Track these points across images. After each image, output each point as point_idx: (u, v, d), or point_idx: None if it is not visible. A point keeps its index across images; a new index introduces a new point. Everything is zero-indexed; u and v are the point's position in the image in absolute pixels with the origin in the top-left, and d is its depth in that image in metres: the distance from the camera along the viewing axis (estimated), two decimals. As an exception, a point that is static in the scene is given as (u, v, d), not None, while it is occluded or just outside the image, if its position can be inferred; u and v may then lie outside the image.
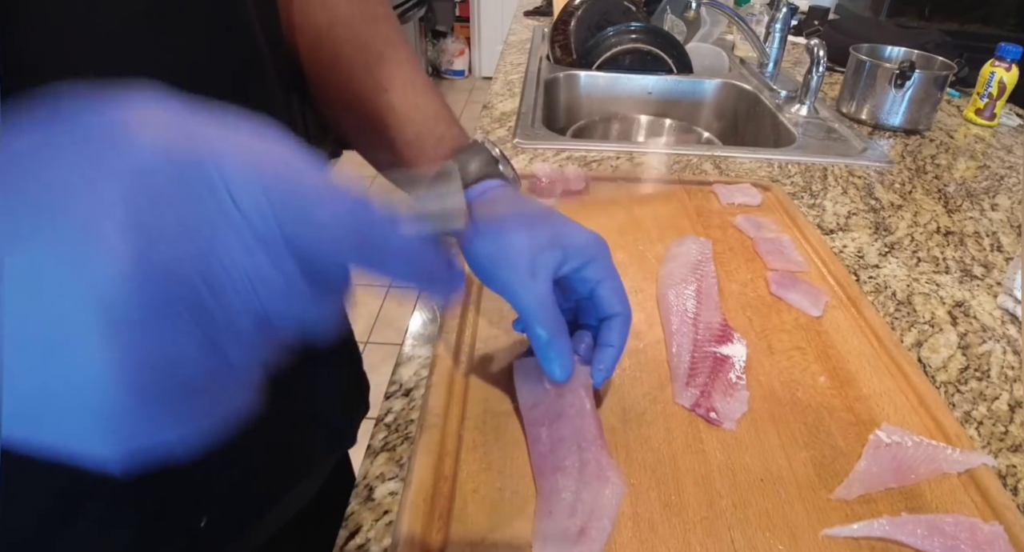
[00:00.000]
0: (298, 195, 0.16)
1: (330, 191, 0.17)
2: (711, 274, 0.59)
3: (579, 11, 1.31)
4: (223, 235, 0.16)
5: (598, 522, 0.37)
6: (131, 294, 0.15)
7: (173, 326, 0.16)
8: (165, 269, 0.15)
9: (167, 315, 0.15)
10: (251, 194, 0.16)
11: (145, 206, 0.15)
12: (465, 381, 0.47)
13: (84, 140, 0.15)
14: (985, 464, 0.42)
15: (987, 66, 1.11)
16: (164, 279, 0.15)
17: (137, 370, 0.15)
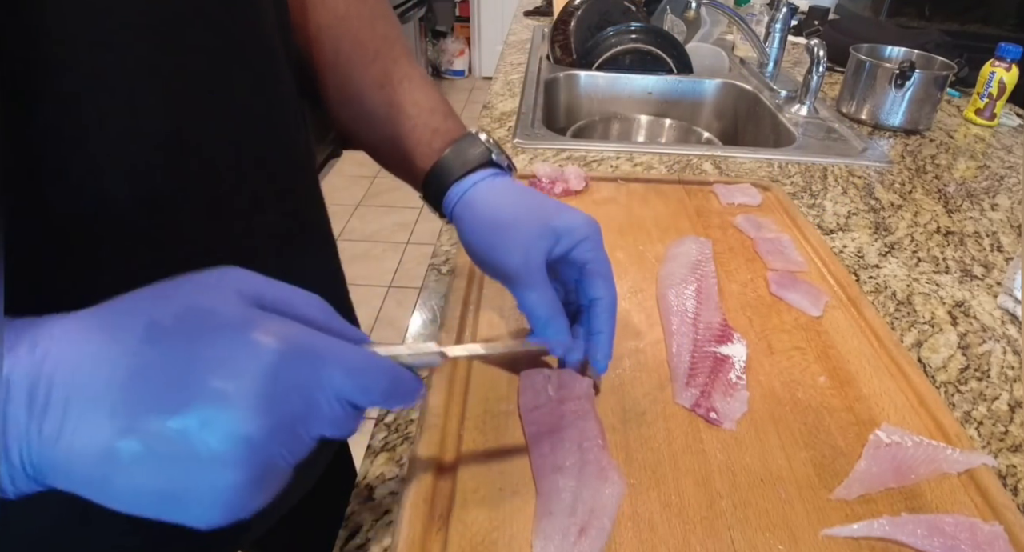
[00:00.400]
0: (367, 387, 0.27)
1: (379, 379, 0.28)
2: (711, 274, 0.59)
3: (579, 11, 1.31)
4: (319, 408, 0.26)
5: (598, 522, 0.37)
6: (262, 443, 0.24)
7: (279, 450, 0.25)
8: (286, 426, 0.25)
9: (277, 446, 0.24)
10: (343, 389, 0.26)
11: (282, 401, 0.24)
12: (465, 381, 0.47)
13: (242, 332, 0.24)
14: (985, 464, 0.42)
15: (987, 66, 1.11)
16: (284, 431, 0.24)
17: (250, 483, 0.24)
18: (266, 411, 0.24)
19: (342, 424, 0.27)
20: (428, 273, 0.63)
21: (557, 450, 0.41)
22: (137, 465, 0.22)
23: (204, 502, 0.24)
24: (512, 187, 0.45)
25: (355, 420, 0.28)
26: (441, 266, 0.64)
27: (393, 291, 2.20)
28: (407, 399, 0.29)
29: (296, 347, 0.25)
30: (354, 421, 0.28)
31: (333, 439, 0.27)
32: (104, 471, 0.22)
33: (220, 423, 0.23)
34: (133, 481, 0.23)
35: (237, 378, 0.24)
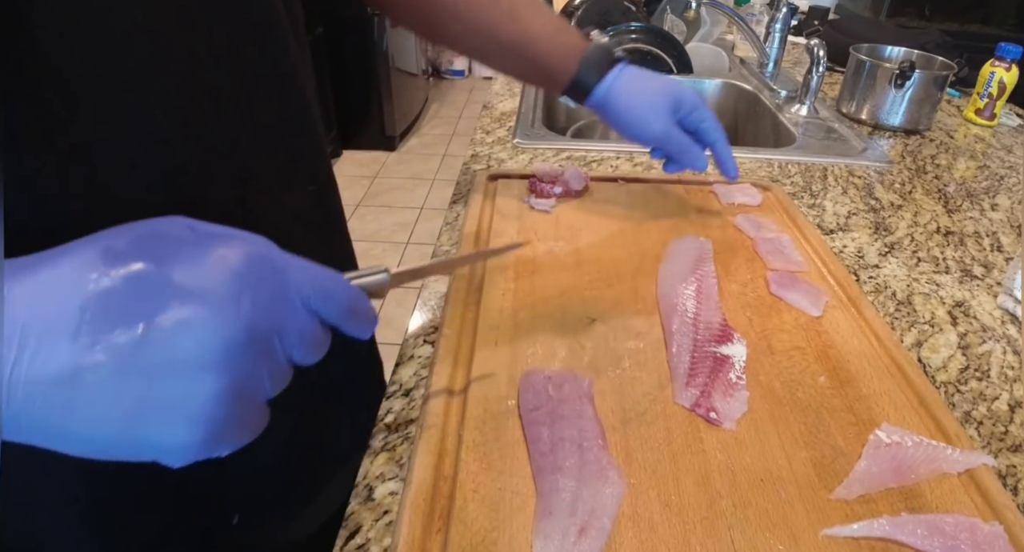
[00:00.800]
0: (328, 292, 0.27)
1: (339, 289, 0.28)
2: (711, 274, 0.59)
3: (579, 11, 1.31)
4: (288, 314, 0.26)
5: (598, 522, 0.37)
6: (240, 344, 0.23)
7: (256, 364, 0.24)
8: (259, 329, 0.24)
9: (255, 355, 0.24)
10: (307, 292, 0.26)
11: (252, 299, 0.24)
12: (465, 381, 0.47)
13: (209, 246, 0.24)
14: (985, 464, 0.42)
15: (987, 66, 1.11)
16: (258, 336, 0.24)
17: (230, 391, 0.23)
18: (238, 312, 0.23)
19: (312, 339, 0.27)
20: (428, 273, 0.63)
21: (557, 450, 0.41)
22: (105, 384, 0.21)
23: (179, 420, 0.22)
24: (635, 77, 0.60)
25: (324, 338, 0.28)
26: (441, 266, 0.64)
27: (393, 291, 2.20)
28: (364, 321, 0.30)
29: (259, 255, 0.25)
30: (323, 339, 0.28)
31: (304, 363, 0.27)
32: (67, 397, 0.21)
33: (195, 326, 0.22)
34: (100, 404, 0.21)
35: (206, 281, 0.23)
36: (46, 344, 0.21)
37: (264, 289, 0.24)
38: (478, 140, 0.95)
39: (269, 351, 0.25)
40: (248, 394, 0.24)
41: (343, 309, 0.28)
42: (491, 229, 0.66)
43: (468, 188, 0.76)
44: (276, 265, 0.26)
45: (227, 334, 0.23)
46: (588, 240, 0.65)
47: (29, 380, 0.21)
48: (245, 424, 0.24)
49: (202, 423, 0.23)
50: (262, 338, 0.24)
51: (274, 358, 0.25)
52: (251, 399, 0.24)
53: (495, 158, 0.88)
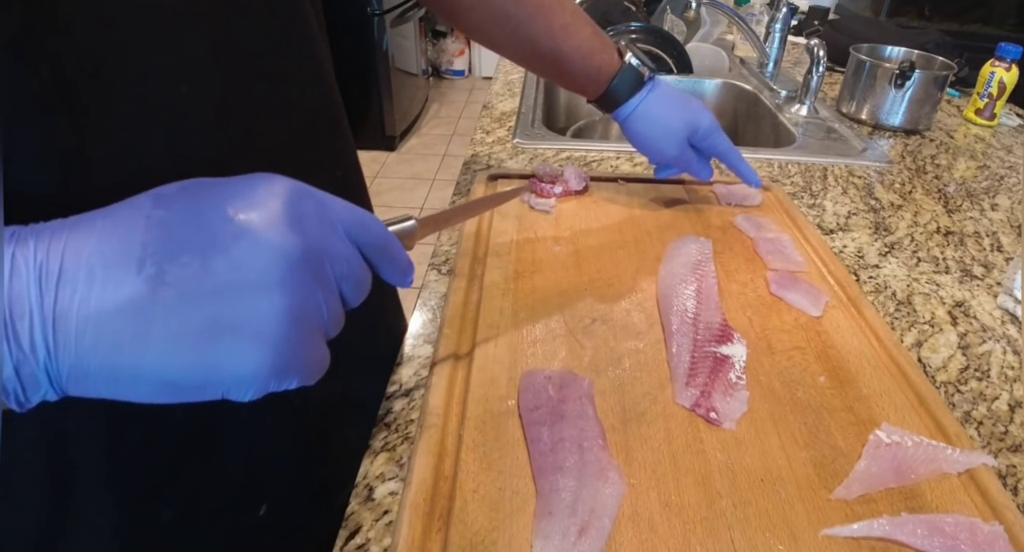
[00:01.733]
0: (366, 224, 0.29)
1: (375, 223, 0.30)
2: (711, 274, 0.59)
3: (579, 11, 1.31)
4: (335, 240, 0.27)
5: (598, 522, 0.37)
6: (298, 263, 0.24)
7: (313, 285, 0.25)
8: (312, 250, 0.25)
9: (312, 277, 0.25)
10: (347, 222, 0.28)
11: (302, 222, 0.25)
12: (465, 381, 0.47)
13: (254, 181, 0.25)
14: (985, 464, 0.42)
15: (987, 66, 1.11)
16: (313, 257, 0.25)
17: (293, 311, 0.24)
18: (294, 233, 0.24)
19: (357, 271, 0.28)
20: (428, 273, 0.63)
21: (557, 450, 0.41)
22: (173, 309, 0.22)
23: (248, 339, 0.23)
24: (660, 100, 0.63)
25: (366, 274, 0.29)
26: (441, 266, 0.64)
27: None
28: (400, 264, 0.31)
29: (301, 188, 0.26)
30: (366, 275, 0.29)
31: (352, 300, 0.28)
32: (136, 326, 0.21)
33: (252, 246, 0.23)
34: (170, 330, 0.22)
35: (257, 208, 0.24)
36: (113, 276, 0.21)
37: (311, 216, 0.25)
38: (478, 140, 0.95)
39: (322, 275, 0.25)
40: (309, 318, 0.25)
41: (380, 243, 0.29)
42: (491, 229, 0.66)
43: (468, 188, 0.76)
44: (318, 197, 0.27)
45: (284, 252, 0.23)
46: (588, 240, 0.65)
47: (99, 312, 0.21)
48: (309, 355, 0.25)
49: (270, 342, 0.23)
50: (315, 260, 0.25)
51: (328, 284, 0.26)
52: (313, 326, 0.25)
53: (495, 158, 0.88)
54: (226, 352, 0.23)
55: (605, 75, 0.62)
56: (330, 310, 0.26)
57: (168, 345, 0.22)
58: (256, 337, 0.23)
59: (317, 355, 0.26)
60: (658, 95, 0.64)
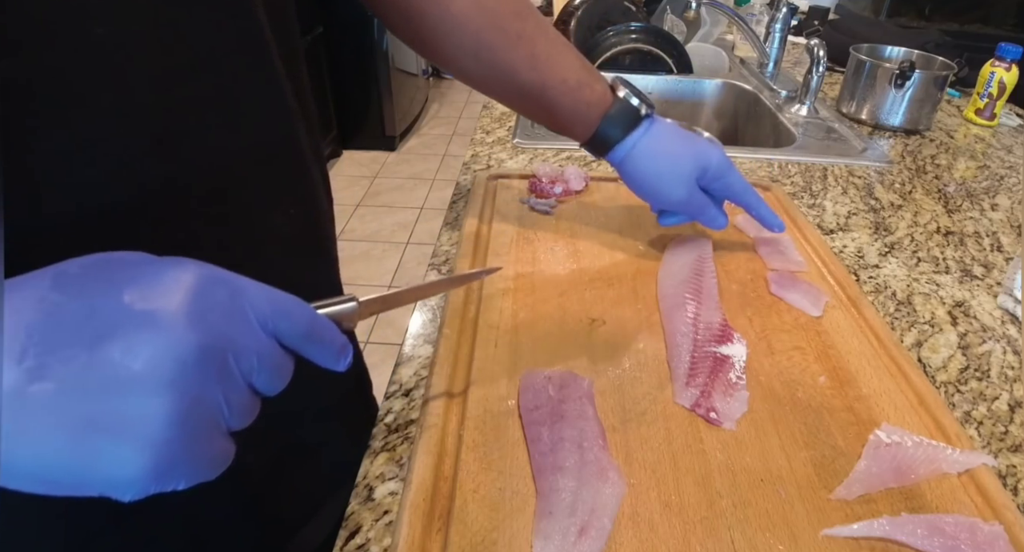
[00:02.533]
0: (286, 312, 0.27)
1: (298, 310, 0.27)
2: (711, 274, 0.59)
3: (579, 11, 1.31)
4: (244, 332, 0.25)
5: (598, 522, 0.37)
6: (192, 361, 0.22)
7: (210, 385, 0.23)
8: (212, 348, 0.23)
9: (209, 375, 0.23)
10: (263, 312, 0.26)
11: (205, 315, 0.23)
12: (465, 381, 0.47)
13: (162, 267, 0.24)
14: (985, 464, 0.42)
15: (987, 66, 1.11)
16: (212, 354, 0.23)
17: (180, 413, 0.22)
18: (191, 328, 0.23)
19: (272, 361, 0.26)
20: (428, 273, 0.63)
21: (557, 450, 0.41)
22: (51, 404, 0.20)
23: (128, 442, 0.21)
24: (660, 139, 0.56)
25: (285, 363, 0.27)
26: (441, 266, 0.64)
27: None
28: (331, 348, 0.29)
29: (213, 275, 0.25)
30: (285, 364, 0.27)
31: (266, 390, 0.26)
32: (13, 419, 0.20)
33: (143, 343, 0.22)
34: (46, 425, 0.20)
35: (157, 299, 0.23)
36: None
37: (218, 308, 0.24)
38: (478, 140, 0.95)
39: (224, 372, 0.24)
40: (204, 419, 0.23)
41: (302, 331, 0.27)
42: (491, 229, 0.66)
43: (468, 188, 0.76)
44: (232, 285, 0.25)
45: (177, 352, 0.22)
46: (588, 240, 0.65)
47: None
48: (202, 453, 0.23)
49: (151, 446, 0.22)
50: (216, 357, 0.23)
51: (231, 380, 0.24)
52: (208, 425, 0.23)
53: (495, 158, 0.88)
54: (102, 453, 0.21)
55: (596, 111, 0.54)
56: (233, 406, 0.24)
57: (42, 441, 0.21)
58: (136, 440, 0.21)
59: (214, 452, 0.24)
60: (659, 131, 0.56)
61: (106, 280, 0.23)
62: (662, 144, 0.56)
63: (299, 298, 0.28)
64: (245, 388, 0.25)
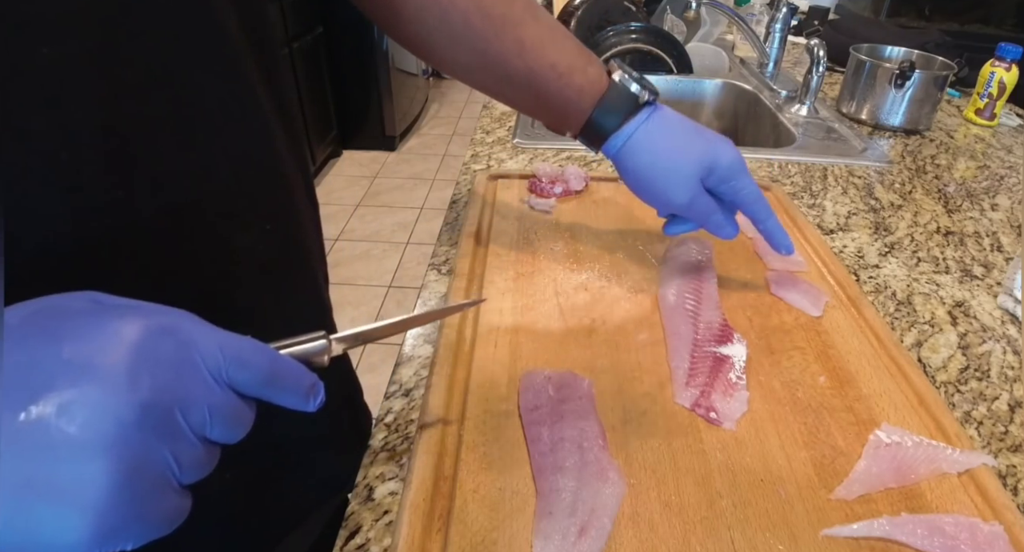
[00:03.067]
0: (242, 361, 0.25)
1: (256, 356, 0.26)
2: (711, 274, 0.59)
3: (579, 11, 1.31)
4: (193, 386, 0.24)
5: (598, 522, 0.37)
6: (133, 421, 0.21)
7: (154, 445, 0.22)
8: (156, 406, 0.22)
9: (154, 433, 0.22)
10: (215, 363, 0.24)
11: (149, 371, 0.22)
12: (465, 381, 0.47)
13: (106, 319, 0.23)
14: (985, 464, 0.42)
15: (987, 66, 1.11)
16: (157, 411, 0.22)
17: (123, 474, 0.21)
18: (132, 388, 0.21)
19: (227, 411, 0.24)
20: (428, 273, 0.63)
21: (557, 450, 0.41)
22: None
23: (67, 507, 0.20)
24: (662, 130, 0.50)
25: (243, 411, 0.25)
26: (441, 266, 0.64)
27: (393, 291, 2.20)
28: (297, 389, 0.27)
29: (160, 326, 0.23)
30: (242, 412, 0.25)
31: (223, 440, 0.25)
32: None
33: (82, 404, 0.21)
34: None
35: (96, 355, 0.21)
36: None
37: (163, 362, 0.23)
38: (478, 140, 0.95)
39: (171, 429, 0.23)
40: (149, 479, 0.22)
41: (261, 378, 0.26)
42: (491, 229, 0.66)
43: (468, 188, 0.76)
44: (181, 337, 0.24)
45: (117, 412, 0.21)
46: (588, 240, 0.65)
47: None
48: (150, 513, 0.22)
49: (92, 511, 0.21)
50: (160, 415, 0.22)
51: (179, 437, 0.23)
52: (155, 485, 0.22)
53: (495, 158, 0.88)
54: (43, 517, 0.20)
55: (589, 97, 0.49)
56: (183, 462, 0.23)
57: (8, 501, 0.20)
58: (76, 503, 0.20)
59: (165, 509, 0.23)
60: (660, 122, 0.50)
61: (48, 332, 0.22)
62: (664, 136, 0.50)
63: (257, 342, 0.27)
64: (197, 442, 0.24)
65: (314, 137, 2.76)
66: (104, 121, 0.30)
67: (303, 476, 0.51)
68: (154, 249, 0.34)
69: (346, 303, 2.13)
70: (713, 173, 0.50)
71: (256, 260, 0.41)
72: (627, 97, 0.49)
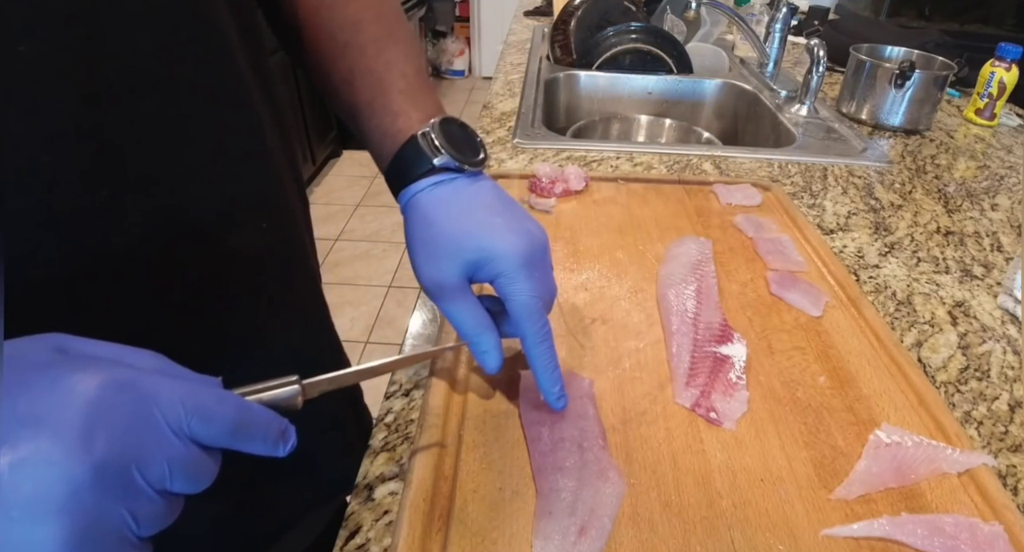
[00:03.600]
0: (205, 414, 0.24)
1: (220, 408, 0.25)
2: (711, 274, 0.59)
3: (579, 11, 1.31)
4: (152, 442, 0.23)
5: (598, 522, 0.37)
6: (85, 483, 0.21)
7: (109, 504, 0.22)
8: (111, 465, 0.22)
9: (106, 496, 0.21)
10: (176, 417, 0.23)
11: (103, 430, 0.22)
12: (465, 381, 0.47)
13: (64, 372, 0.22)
14: (985, 464, 0.42)
15: (987, 66, 1.11)
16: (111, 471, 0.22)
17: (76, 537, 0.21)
18: (86, 447, 0.21)
19: (189, 466, 0.24)
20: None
21: (557, 450, 0.41)
22: None
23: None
24: (450, 199, 0.41)
25: (207, 463, 0.25)
26: (441, 266, 0.64)
27: (393, 291, 2.20)
28: (266, 437, 0.27)
29: (119, 380, 0.23)
30: (206, 464, 0.25)
31: (187, 492, 0.24)
32: None
33: (32, 464, 0.20)
34: None
35: (48, 414, 0.21)
36: None
37: (119, 420, 0.22)
38: (478, 140, 0.95)
39: (127, 488, 0.22)
40: (104, 538, 0.22)
41: (226, 431, 0.25)
42: (491, 229, 0.66)
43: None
44: (141, 391, 0.23)
45: (69, 473, 0.21)
46: (588, 240, 0.65)
47: None
48: None
49: None
50: (116, 474, 0.22)
51: (136, 494, 0.22)
52: (110, 543, 0.22)
53: (495, 158, 0.88)
54: None
55: (390, 146, 0.43)
56: (142, 518, 0.23)
57: None
58: None
59: None
60: (452, 192, 0.41)
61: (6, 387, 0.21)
62: (442, 207, 0.40)
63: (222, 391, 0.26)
64: (156, 497, 0.23)
65: (314, 137, 2.76)
66: (88, 120, 0.30)
67: (304, 478, 0.51)
68: (143, 250, 0.34)
69: (346, 303, 2.13)
70: (482, 269, 0.39)
71: (250, 260, 0.40)
72: (420, 157, 0.41)
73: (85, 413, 0.21)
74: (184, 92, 0.34)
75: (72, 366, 0.23)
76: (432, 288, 0.40)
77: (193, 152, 0.35)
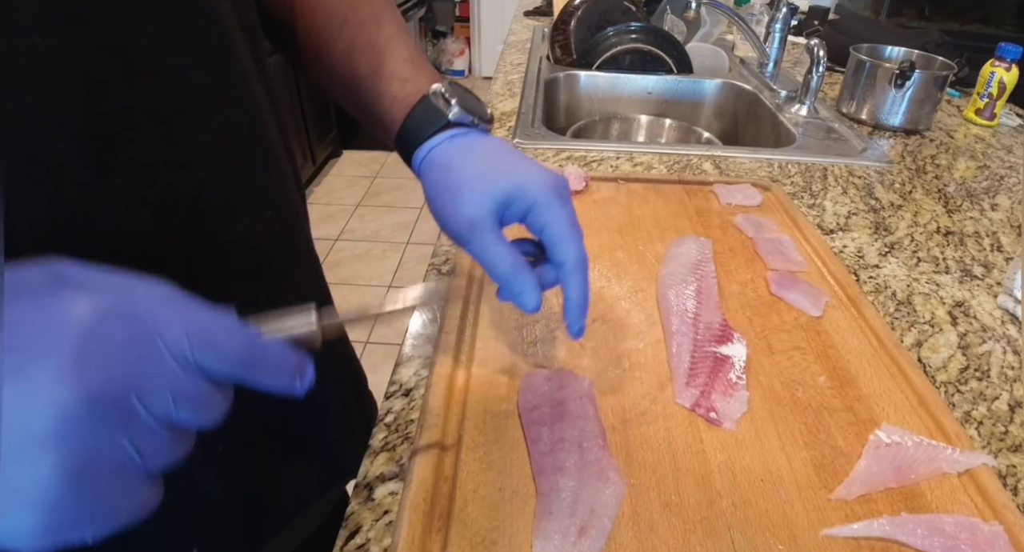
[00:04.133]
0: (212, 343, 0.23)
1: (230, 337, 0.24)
2: (711, 274, 0.59)
3: (579, 11, 1.31)
4: (152, 371, 0.22)
5: (598, 522, 0.37)
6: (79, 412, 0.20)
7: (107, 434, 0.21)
8: (107, 394, 0.21)
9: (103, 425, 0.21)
10: (179, 345, 0.22)
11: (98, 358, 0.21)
12: (465, 381, 0.47)
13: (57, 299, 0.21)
14: (985, 464, 0.42)
15: (987, 66, 1.11)
16: (106, 401, 0.21)
17: (72, 469, 0.20)
18: (78, 375, 0.20)
19: (196, 397, 0.23)
20: (428, 273, 0.63)
21: (557, 450, 0.41)
22: None
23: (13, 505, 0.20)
24: (469, 147, 0.41)
25: (214, 396, 0.24)
26: (441, 266, 0.64)
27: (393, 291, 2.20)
28: (279, 370, 0.25)
29: (114, 306, 0.22)
30: (213, 397, 0.24)
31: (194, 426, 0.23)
32: None
33: (22, 394, 0.20)
34: None
35: (38, 342, 0.20)
36: None
37: (116, 348, 0.21)
38: (478, 140, 0.95)
39: (128, 417, 0.21)
40: (106, 470, 0.21)
41: (235, 361, 0.24)
42: (491, 229, 0.66)
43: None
44: (140, 317, 0.22)
45: (59, 402, 0.20)
46: (588, 240, 0.65)
47: None
48: (112, 504, 0.21)
49: (40, 506, 0.20)
50: (113, 404, 0.21)
51: (137, 425, 0.22)
52: (114, 476, 0.21)
53: (495, 158, 0.88)
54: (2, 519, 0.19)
55: (401, 108, 0.44)
56: (146, 451, 0.22)
57: None
58: (23, 499, 0.20)
59: (129, 498, 0.22)
60: (467, 143, 0.42)
61: None
62: (463, 155, 0.41)
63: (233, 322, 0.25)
64: (159, 429, 0.22)
65: (314, 137, 2.76)
66: (90, 111, 0.30)
67: (310, 456, 0.51)
68: (143, 241, 0.34)
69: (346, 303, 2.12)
70: (513, 203, 0.39)
71: (252, 251, 0.40)
72: (435, 114, 0.43)
73: (79, 340, 0.21)
74: (187, 83, 0.34)
75: (69, 292, 0.22)
76: (463, 230, 0.39)
77: (196, 143, 0.35)
